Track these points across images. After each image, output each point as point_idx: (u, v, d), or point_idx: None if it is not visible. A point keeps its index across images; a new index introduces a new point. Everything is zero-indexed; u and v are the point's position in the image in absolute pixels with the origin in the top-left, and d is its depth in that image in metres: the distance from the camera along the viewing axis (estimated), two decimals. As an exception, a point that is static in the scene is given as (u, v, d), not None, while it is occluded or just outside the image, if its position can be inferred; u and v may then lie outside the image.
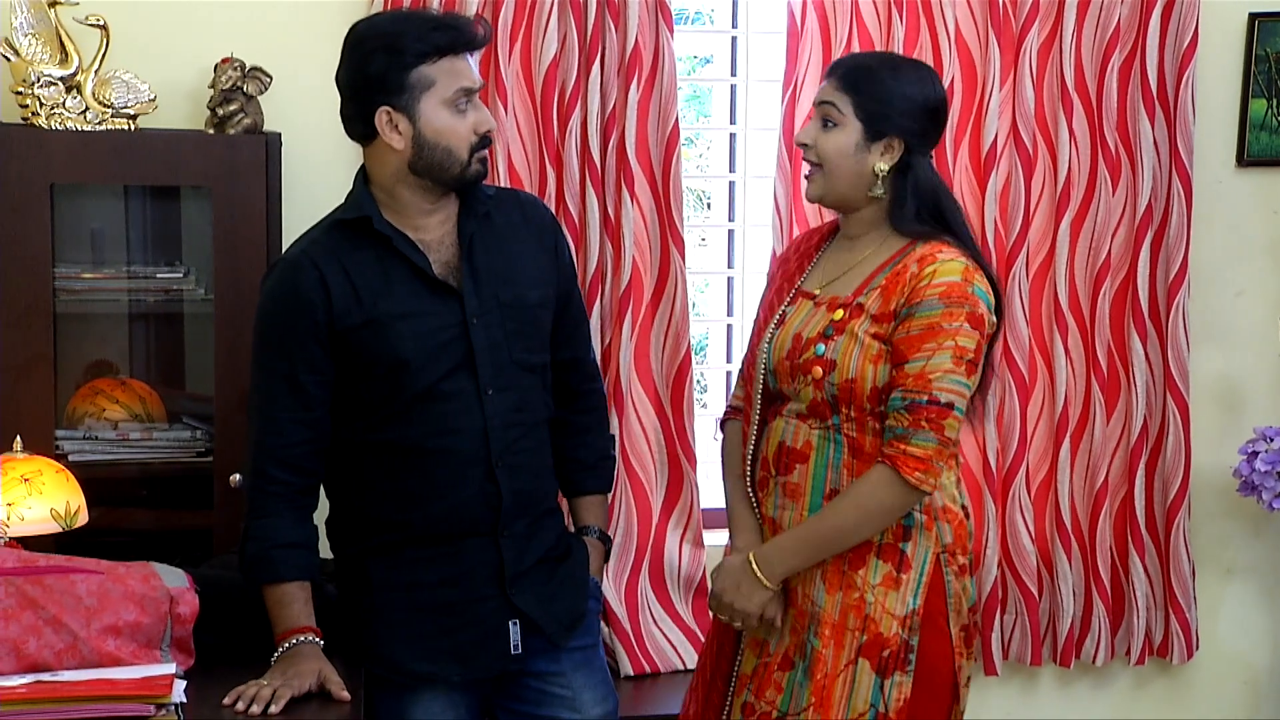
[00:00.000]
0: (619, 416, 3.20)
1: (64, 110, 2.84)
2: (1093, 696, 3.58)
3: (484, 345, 2.35)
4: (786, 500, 2.40)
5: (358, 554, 2.40)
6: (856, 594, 2.34)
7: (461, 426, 2.34)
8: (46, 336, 2.82)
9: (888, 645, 2.33)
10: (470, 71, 2.33)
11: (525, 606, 2.39)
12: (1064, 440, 3.38)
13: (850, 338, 2.34)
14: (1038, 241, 3.36)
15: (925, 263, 2.33)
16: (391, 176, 2.35)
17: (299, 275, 2.33)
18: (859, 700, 2.34)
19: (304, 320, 2.32)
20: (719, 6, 3.51)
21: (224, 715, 2.17)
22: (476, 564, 2.38)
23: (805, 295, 2.45)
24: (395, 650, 2.36)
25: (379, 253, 2.34)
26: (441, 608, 2.37)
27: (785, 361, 2.40)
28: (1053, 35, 3.30)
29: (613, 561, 3.25)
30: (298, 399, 2.33)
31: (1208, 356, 3.53)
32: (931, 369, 2.27)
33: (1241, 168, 3.50)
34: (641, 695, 3.20)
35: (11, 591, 2.19)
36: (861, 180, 2.38)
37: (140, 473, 2.99)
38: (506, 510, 2.38)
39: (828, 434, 2.36)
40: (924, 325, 2.29)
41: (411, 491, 2.35)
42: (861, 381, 2.32)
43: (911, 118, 2.37)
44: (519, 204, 2.50)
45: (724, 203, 3.53)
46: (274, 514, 2.33)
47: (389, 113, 2.30)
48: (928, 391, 2.27)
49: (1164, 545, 3.46)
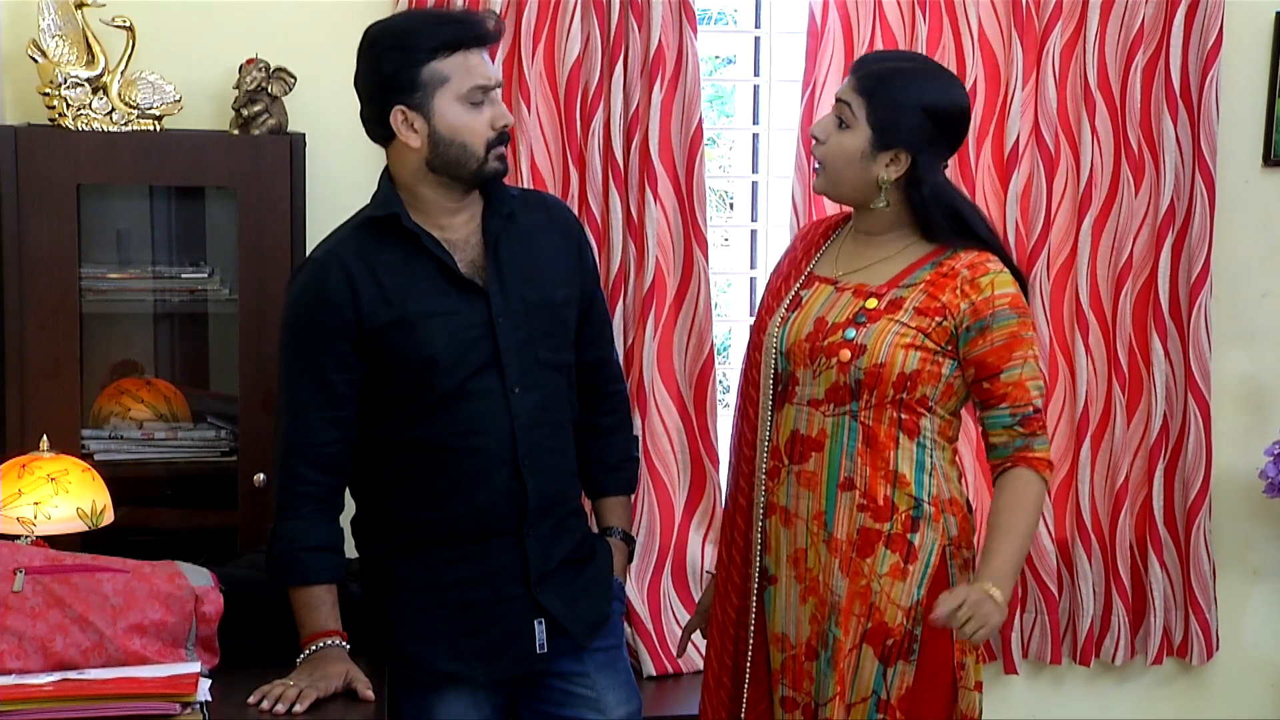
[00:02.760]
0: (642, 416, 3.20)
1: (90, 111, 2.86)
2: (1113, 695, 3.57)
3: (510, 344, 2.35)
4: (801, 489, 2.39)
5: (384, 553, 2.40)
6: (864, 581, 2.35)
7: (488, 426, 2.34)
8: (73, 336, 2.84)
9: (891, 634, 2.34)
10: (484, 67, 2.32)
11: (550, 606, 2.40)
12: (1085, 440, 3.37)
13: (885, 325, 2.34)
14: (1059, 241, 3.35)
15: (978, 270, 2.35)
16: (412, 176, 2.35)
17: (326, 275, 2.33)
18: (862, 685, 2.35)
19: (332, 319, 2.32)
20: (742, 7, 3.50)
21: (249, 714, 2.17)
22: (502, 564, 2.38)
23: (823, 280, 2.43)
24: (421, 649, 2.37)
25: (406, 251, 2.34)
26: (467, 607, 2.37)
27: (804, 344, 2.38)
28: (1076, 34, 3.29)
29: (635, 561, 3.25)
30: (327, 398, 2.33)
31: (1233, 358, 3.51)
32: (1026, 378, 2.35)
33: (1268, 167, 3.48)
34: (664, 695, 3.20)
35: (38, 590, 2.20)
36: (865, 188, 2.37)
37: (165, 472, 3.00)
38: (532, 510, 2.38)
39: (842, 420, 2.36)
40: (1006, 336, 2.34)
41: (438, 490, 2.36)
42: (890, 367, 2.32)
43: (921, 131, 2.34)
44: (543, 205, 2.50)
45: (747, 203, 3.53)
46: (303, 515, 2.33)
47: (404, 111, 2.30)
48: (1031, 402, 2.35)
49: (1184, 545, 3.45)
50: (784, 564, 2.43)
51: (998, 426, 2.36)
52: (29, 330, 2.81)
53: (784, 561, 2.43)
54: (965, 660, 2.39)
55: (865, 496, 2.35)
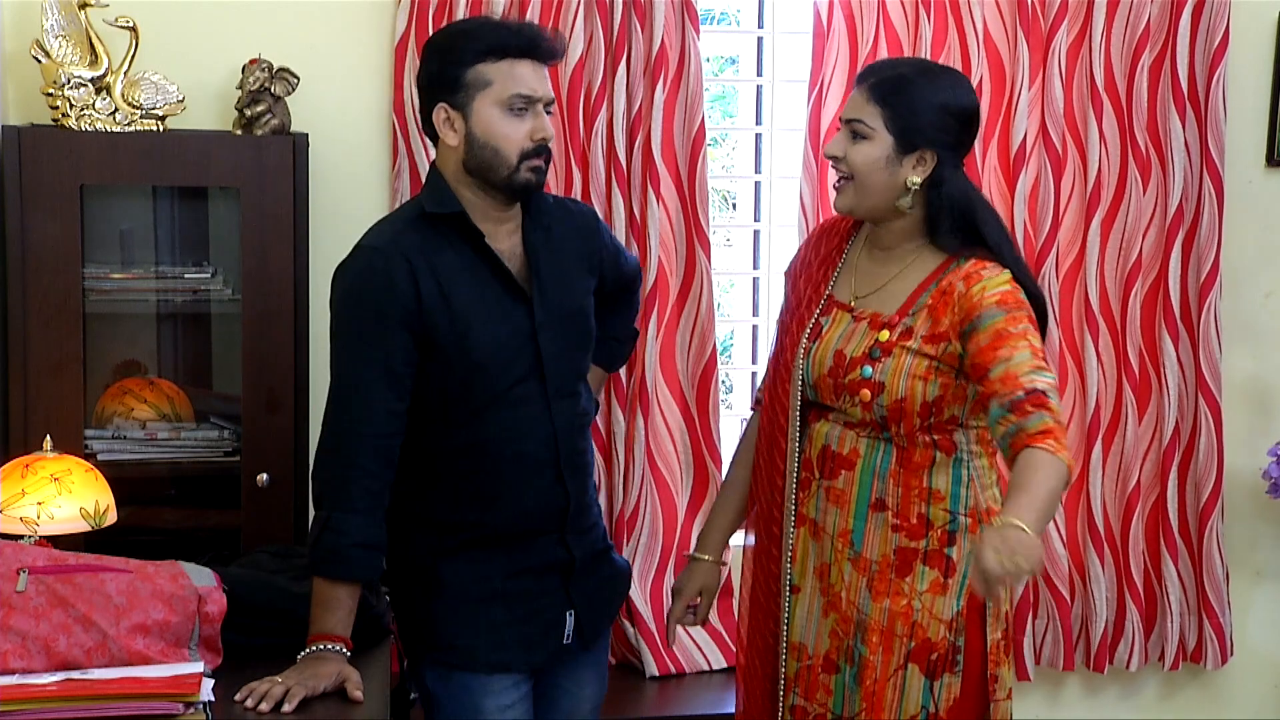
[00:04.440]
0: (645, 416, 3.20)
1: (94, 111, 2.86)
2: (1125, 702, 3.56)
3: (551, 354, 2.38)
4: (830, 505, 2.39)
5: (425, 555, 2.41)
6: (904, 601, 2.35)
7: (532, 432, 2.37)
8: (76, 336, 2.84)
9: (936, 649, 2.35)
10: (532, 79, 2.32)
11: (579, 603, 2.45)
12: (1095, 443, 3.36)
13: (898, 359, 2.32)
14: (1067, 242, 3.35)
15: (972, 281, 2.31)
16: (453, 176, 2.37)
17: (391, 264, 2.31)
18: (910, 704, 2.35)
19: (396, 305, 2.30)
20: (745, 7, 3.50)
21: (250, 716, 2.17)
22: (544, 559, 2.42)
23: (840, 306, 2.42)
24: (472, 641, 2.39)
25: (462, 252, 2.35)
26: (511, 597, 2.41)
27: (827, 379, 2.38)
28: (1082, 35, 3.28)
29: (639, 561, 3.26)
30: (394, 389, 2.31)
31: (1239, 358, 3.50)
32: (1014, 368, 2.22)
33: (1271, 167, 3.47)
34: (667, 695, 3.20)
35: (42, 590, 2.20)
36: (893, 192, 2.35)
37: (168, 472, 3.00)
38: (572, 512, 2.43)
39: (877, 443, 2.36)
40: (992, 333, 2.26)
41: (484, 495, 2.38)
42: (911, 399, 2.31)
43: (944, 130, 2.33)
44: (568, 212, 2.51)
45: (749, 203, 3.53)
46: (359, 510, 2.30)
47: (446, 110, 2.33)
48: (1019, 387, 2.20)
49: (1197, 549, 3.44)
50: (809, 575, 2.43)
51: (993, 422, 2.28)
52: (32, 330, 2.81)
53: (809, 573, 2.43)
54: (999, 671, 2.39)
55: (898, 517, 2.35)
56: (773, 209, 3.45)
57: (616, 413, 3.21)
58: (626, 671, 3.28)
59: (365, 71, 3.10)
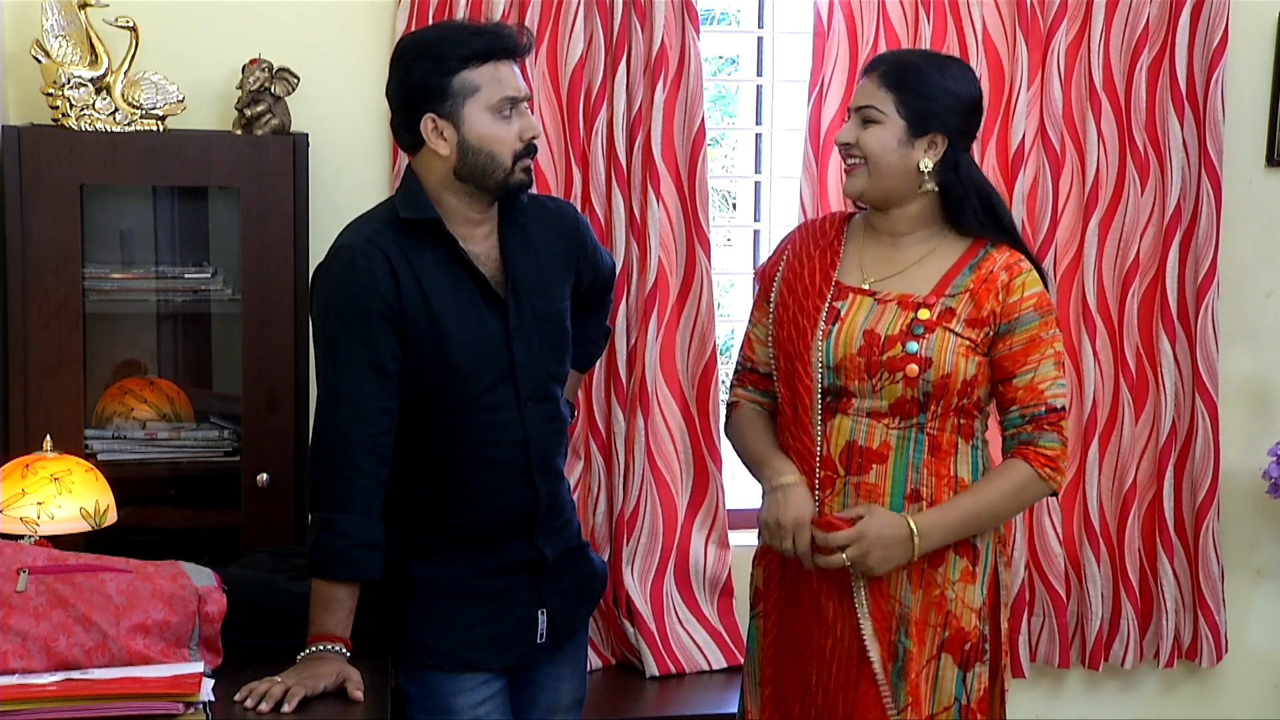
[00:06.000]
0: (644, 416, 3.20)
1: (94, 111, 2.86)
2: (1121, 699, 3.57)
3: (524, 359, 2.38)
4: (859, 502, 2.38)
5: (399, 554, 2.40)
6: (937, 591, 2.36)
7: (504, 438, 2.37)
8: (76, 336, 2.84)
9: (968, 639, 2.37)
10: (514, 79, 2.34)
11: (551, 602, 2.46)
12: (1092, 441, 3.36)
13: (943, 335, 2.35)
14: (1066, 242, 3.35)
15: (1014, 272, 2.37)
16: (438, 184, 2.36)
17: (372, 263, 2.31)
18: (943, 695, 2.37)
19: (379, 303, 2.30)
20: (745, 7, 3.50)
21: (250, 716, 2.17)
22: (515, 559, 2.43)
23: (857, 291, 2.42)
24: (441, 640, 2.39)
25: (438, 256, 2.35)
26: (482, 597, 2.41)
27: (857, 358, 2.37)
28: (1081, 35, 3.29)
29: (639, 561, 3.26)
30: (383, 387, 2.31)
31: (1237, 358, 3.51)
32: (1039, 380, 2.36)
33: (1271, 167, 3.48)
34: (666, 696, 3.20)
35: (42, 590, 2.20)
36: (907, 176, 2.38)
37: (168, 472, 3.00)
38: (542, 514, 2.43)
39: (908, 433, 2.37)
40: (1026, 339, 2.36)
41: (456, 495, 2.39)
42: (955, 376, 2.35)
43: (954, 114, 2.37)
44: (546, 213, 2.50)
45: (749, 203, 3.53)
46: (359, 510, 2.30)
47: (434, 119, 2.32)
48: (1042, 402, 2.35)
49: (1193, 547, 3.44)
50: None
51: (1010, 426, 2.40)
52: (32, 330, 2.81)
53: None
54: (1005, 661, 2.44)
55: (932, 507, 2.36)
56: (773, 209, 3.45)
57: (616, 413, 3.22)
58: (626, 671, 3.28)
59: (365, 71, 3.10)
